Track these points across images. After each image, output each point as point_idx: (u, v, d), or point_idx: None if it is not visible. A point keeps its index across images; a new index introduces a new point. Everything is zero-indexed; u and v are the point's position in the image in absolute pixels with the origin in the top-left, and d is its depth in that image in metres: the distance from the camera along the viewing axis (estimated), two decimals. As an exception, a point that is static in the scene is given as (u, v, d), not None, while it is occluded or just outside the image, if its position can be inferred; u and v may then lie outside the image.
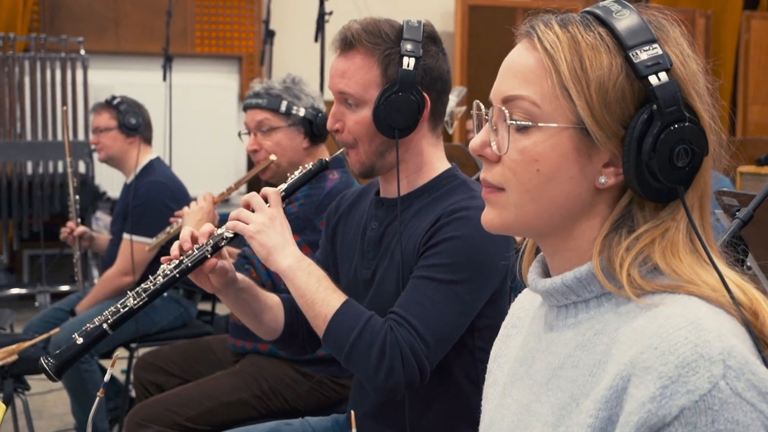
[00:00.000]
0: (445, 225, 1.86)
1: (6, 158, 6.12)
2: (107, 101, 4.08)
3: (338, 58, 1.97)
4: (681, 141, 1.04)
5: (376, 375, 1.77)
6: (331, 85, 1.98)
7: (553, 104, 1.08)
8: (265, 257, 1.84)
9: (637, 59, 1.05)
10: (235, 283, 1.92)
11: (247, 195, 1.90)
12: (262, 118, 2.94)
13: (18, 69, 6.26)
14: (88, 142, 5.64)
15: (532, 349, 1.20)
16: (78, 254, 4.01)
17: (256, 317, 2.00)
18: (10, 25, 6.87)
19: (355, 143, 1.98)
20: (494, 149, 1.12)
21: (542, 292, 1.16)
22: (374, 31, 1.94)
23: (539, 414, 1.12)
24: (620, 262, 1.06)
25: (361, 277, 2.02)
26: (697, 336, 0.96)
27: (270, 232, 1.84)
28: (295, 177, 2.00)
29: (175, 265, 1.86)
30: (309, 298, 1.82)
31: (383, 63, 1.93)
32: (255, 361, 2.81)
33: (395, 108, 1.90)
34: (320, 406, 2.78)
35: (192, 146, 6.95)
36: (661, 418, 0.94)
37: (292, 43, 7.03)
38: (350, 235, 2.11)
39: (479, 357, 1.93)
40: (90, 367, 3.72)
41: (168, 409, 2.68)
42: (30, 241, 6.44)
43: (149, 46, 7.30)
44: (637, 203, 1.09)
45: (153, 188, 3.92)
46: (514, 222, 1.13)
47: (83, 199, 5.37)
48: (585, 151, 1.08)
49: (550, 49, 1.08)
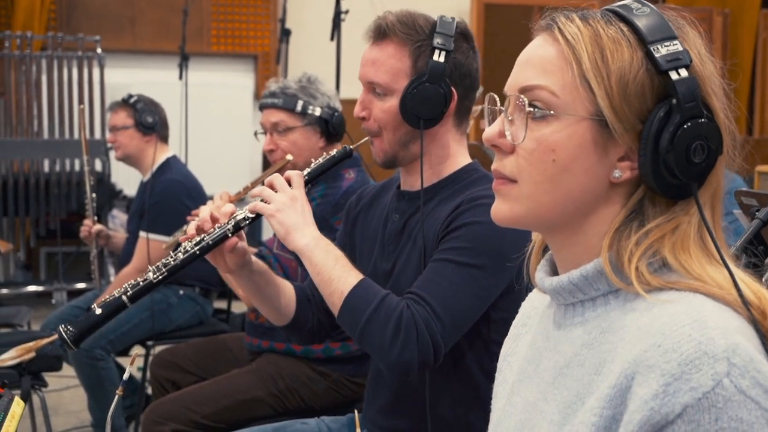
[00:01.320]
0: (466, 210, 1.88)
1: (23, 156, 6.14)
2: (124, 100, 4.09)
3: (371, 47, 1.99)
4: (698, 137, 1.04)
5: (390, 350, 1.77)
6: (361, 74, 2.00)
7: (572, 95, 1.08)
8: (283, 236, 1.85)
9: (658, 54, 1.05)
10: (250, 265, 1.93)
11: (270, 176, 1.91)
12: (278, 119, 2.94)
13: (35, 67, 6.29)
14: (105, 140, 5.68)
15: (540, 348, 1.20)
16: (95, 252, 4.03)
17: (268, 301, 2.00)
18: (27, 24, 6.90)
19: (379, 132, 2.00)
20: (509, 139, 1.12)
21: (550, 290, 1.16)
22: (409, 22, 1.96)
23: (546, 412, 1.12)
24: (629, 256, 1.06)
25: (381, 270, 2.03)
26: (701, 333, 0.95)
27: (290, 211, 1.84)
28: (319, 162, 2.01)
29: (196, 242, 1.86)
30: (326, 275, 1.83)
31: (414, 54, 1.94)
32: (272, 360, 2.82)
33: (422, 98, 1.92)
34: (336, 405, 2.79)
35: (208, 144, 6.96)
36: (664, 416, 0.94)
37: (308, 42, 7.03)
38: (371, 229, 2.12)
39: (493, 350, 1.92)
40: (107, 364, 3.74)
41: (185, 406, 2.69)
42: (47, 238, 6.47)
43: (165, 44, 7.32)
44: (649, 199, 1.08)
45: (169, 186, 3.93)
46: (526, 214, 1.12)
47: (100, 198, 5.39)
48: (602, 143, 1.07)
49: (572, 40, 1.08)
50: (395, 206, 2.06)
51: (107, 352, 3.76)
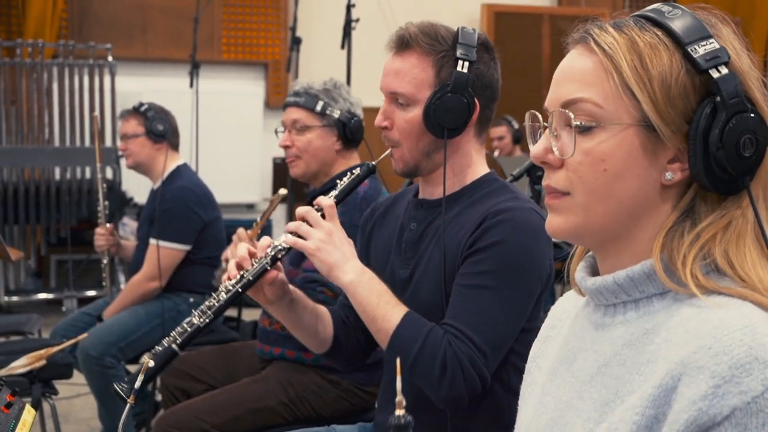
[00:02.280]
0: (490, 228, 1.88)
1: (34, 164, 6.16)
2: (134, 108, 4.10)
3: (393, 57, 1.99)
4: (746, 131, 1.05)
5: (440, 388, 1.81)
6: (383, 85, 2.00)
7: (616, 104, 1.08)
8: (326, 273, 1.88)
9: (696, 54, 1.06)
10: (288, 294, 1.96)
11: (301, 209, 1.92)
12: (297, 117, 2.97)
13: (47, 75, 6.31)
14: (116, 148, 5.68)
15: (573, 348, 1.20)
16: (106, 260, 4.03)
17: (307, 329, 2.03)
18: (39, 32, 6.93)
19: (401, 142, 2.00)
20: (557, 154, 1.12)
21: (592, 290, 1.16)
22: (431, 33, 1.96)
23: (581, 410, 1.12)
24: (683, 259, 1.06)
25: (398, 277, 2.04)
26: (753, 339, 0.96)
27: (329, 248, 1.87)
28: (344, 183, 2.03)
29: (236, 280, 1.90)
30: (371, 313, 1.86)
31: (437, 64, 1.95)
32: (282, 368, 2.82)
33: (447, 108, 1.93)
34: (347, 414, 2.78)
35: (218, 152, 6.97)
36: (712, 417, 0.94)
37: (318, 50, 7.05)
38: (385, 238, 2.13)
39: (512, 360, 1.93)
40: (117, 372, 3.74)
41: (195, 416, 2.68)
42: (57, 246, 6.49)
43: (176, 52, 7.34)
44: (700, 197, 1.09)
45: (180, 194, 3.94)
46: (583, 224, 1.12)
47: (111, 205, 5.40)
48: (650, 147, 1.08)
49: (609, 50, 1.09)
50: (413, 215, 2.07)
51: (117, 360, 3.76)
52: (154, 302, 3.89)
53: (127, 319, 3.82)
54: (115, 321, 3.82)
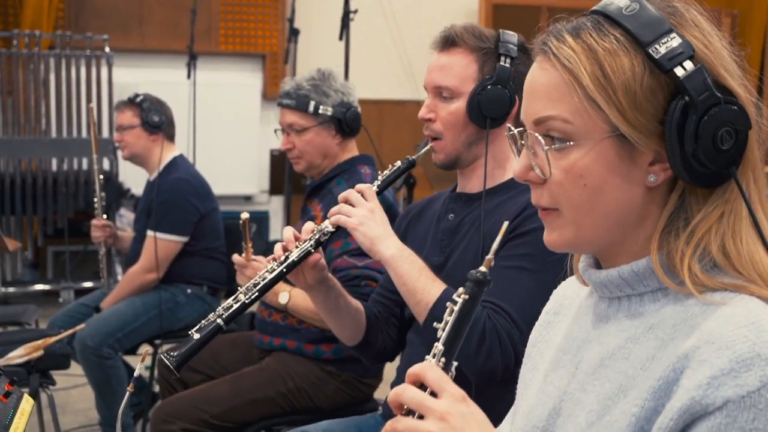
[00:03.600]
0: (532, 215, 1.93)
1: (31, 155, 6.15)
2: (130, 99, 4.09)
3: (439, 54, 2.09)
4: (721, 125, 1.03)
5: (476, 359, 1.84)
6: (428, 81, 2.10)
7: (584, 118, 1.06)
8: (368, 247, 1.94)
9: (658, 54, 1.03)
10: (327, 281, 2.01)
11: (345, 192, 2.00)
12: (292, 120, 2.99)
13: (43, 66, 6.30)
14: (112, 139, 5.67)
15: (577, 339, 1.20)
16: (103, 251, 4.03)
17: (342, 318, 2.08)
18: (35, 23, 6.91)
19: (444, 134, 2.07)
20: (537, 173, 1.11)
21: (596, 283, 1.16)
22: (475, 32, 2.08)
23: (584, 403, 1.12)
24: (680, 257, 1.06)
25: (431, 264, 2.06)
26: (757, 336, 0.96)
27: (371, 223, 1.94)
28: (386, 174, 2.11)
29: (281, 261, 1.95)
30: (411, 285, 1.90)
31: (481, 60, 2.05)
32: (281, 359, 2.82)
33: (490, 99, 2.02)
34: (345, 405, 2.79)
35: (215, 144, 6.96)
36: (704, 407, 0.94)
37: (316, 42, 7.03)
38: (420, 233, 2.19)
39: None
40: (115, 363, 3.75)
41: (194, 405, 2.69)
42: (54, 237, 6.48)
43: (173, 43, 7.32)
44: (689, 192, 1.08)
45: (176, 185, 3.93)
46: (576, 237, 1.12)
47: (108, 196, 5.38)
48: (627, 155, 1.06)
49: (568, 64, 1.06)
50: (450, 207, 2.14)
51: (115, 351, 3.76)
52: (151, 293, 3.89)
53: (124, 309, 3.82)
54: (113, 312, 3.82)
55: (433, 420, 1.01)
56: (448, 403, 1.02)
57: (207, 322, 1.92)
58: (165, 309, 3.81)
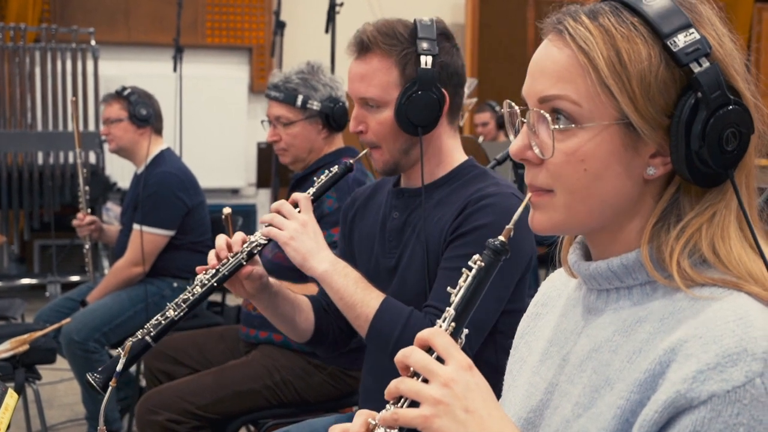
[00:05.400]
0: (473, 213, 1.89)
1: (17, 148, 6.13)
2: (118, 92, 4.08)
3: (356, 62, 2.00)
4: (729, 125, 1.02)
5: None
6: (351, 91, 2.02)
7: (594, 101, 1.05)
8: (300, 263, 1.88)
9: (676, 47, 1.02)
10: (269, 287, 1.96)
11: (276, 203, 1.93)
12: (279, 113, 2.99)
13: (29, 60, 6.27)
14: (99, 132, 5.65)
15: (565, 330, 1.20)
16: (89, 245, 4.02)
17: (289, 320, 2.04)
18: (21, 16, 6.88)
19: (379, 143, 2.02)
20: (537, 153, 1.09)
21: (586, 275, 1.15)
22: (389, 32, 1.97)
23: (571, 394, 1.12)
24: (670, 252, 1.05)
25: (383, 266, 2.05)
26: (744, 331, 0.95)
27: (303, 237, 1.87)
28: (322, 181, 2.04)
29: (212, 274, 1.91)
30: (348, 300, 1.87)
31: (401, 63, 1.96)
32: (268, 352, 2.82)
33: (417, 107, 1.94)
34: (331, 398, 2.79)
35: (202, 137, 6.95)
36: (689, 401, 0.94)
37: (302, 34, 7.02)
38: (367, 227, 2.14)
39: (500, 341, 1.95)
40: (101, 357, 3.74)
41: (179, 396, 2.69)
42: (41, 231, 6.46)
43: (160, 37, 7.30)
44: (684, 190, 1.07)
45: (163, 179, 3.92)
46: (565, 223, 1.11)
47: (94, 190, 5.38)
48: (631, 145, 1.05)
49: (584, 46, 1.04)
50: (394, 204, 2.09)
51: (101, 345, 3.75)
52: (137, 287, 3.88)
53: (110, 304, 3.81)
54: (99, 306, 3.81)
55: (437, 385, 1.02)
56: (454, 370, 1.03)
57: (135, 339, 1.88)
58: (151, 303, 3.81)
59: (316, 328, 2.07)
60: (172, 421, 2.66)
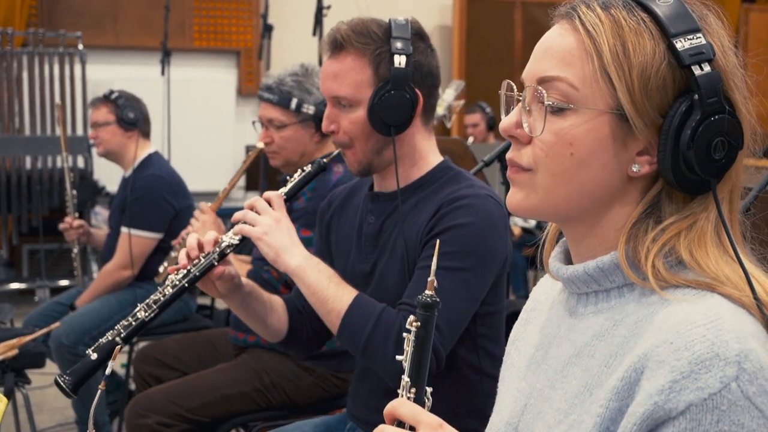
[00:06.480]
0: (447, 214, 1.89)
1: (5, 153, 6.11)
2: (105, 96, 4.07)
3: (329, 60, 1.99)
4: (719, 133, 1.03)
5: (393, 365, 1.78)
6: (324, 89, 2.01)
7: (592, 87, 1.06)
8: (273, 258, 1.87)
9: (681, 48, 1.03)
10: (241, 288, 1.95)
11: (250, 200, 1.92)
12: (272, 116, 2.96)
13: (16, 64, 6.25)
14: (87, 136, 5.65)
15: (549, 335, 1.20)
16: (77, 249, 4.01)
17: (262, 320, 2.03)
18: (8, 20, 6.86)
19: (351, 143, 2.00)
20: (526, 130, 1.10)
21: (564, 279, 1.15)
22: (363, 31, 1.96)
23: (552, 400, 1.12)
24: (645, 253, 1.05)
25: (359, 271, 2.04)
26: (716, 335, 0.95)
27: (276, 233, 1.86)
28: (295, 180, 2.02)
29: (183, 275, 1.89)
30: (321, 295, 1.86)
31: (374, 62, 1.95)
32: (257, 355, 2.82)
33: (389, 106, 1.93)
34: (321, 401, 2.79)
35: (190, 140, 6.94)
36: (667, 412, 0.94)
37: (290, 38, 7.02)
38: (344, 230, 2.13)
39: (481, 344, 1.95)
40: (90, 361, 3.73)
41: (169, 399, 2.69)
42: (29, 235, 6.44)
43: (147, 40, 7.29)
44: (666, 193, 1.08)
45: (151, 182, 3.92)
46: (541, 205, 1.11)
47: (82, 194, 5.37)
48: (621, 137, 1.06)
49: (593, 31, 1.06)
50: (369, 208, 2.07)
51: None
52: (126, 291, 3.88)
53: (99, 308, 3.80)
54: (88, 310, 3.80)
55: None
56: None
57: (105, 340, 1.87)
58: (139, 306, 3.80)
59: (289, 329, 2.06)
60: (161, 424, 2.65)
